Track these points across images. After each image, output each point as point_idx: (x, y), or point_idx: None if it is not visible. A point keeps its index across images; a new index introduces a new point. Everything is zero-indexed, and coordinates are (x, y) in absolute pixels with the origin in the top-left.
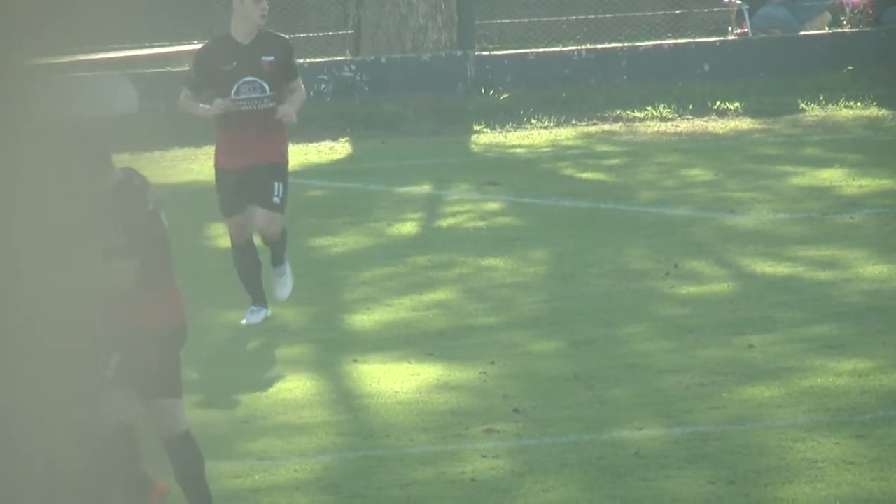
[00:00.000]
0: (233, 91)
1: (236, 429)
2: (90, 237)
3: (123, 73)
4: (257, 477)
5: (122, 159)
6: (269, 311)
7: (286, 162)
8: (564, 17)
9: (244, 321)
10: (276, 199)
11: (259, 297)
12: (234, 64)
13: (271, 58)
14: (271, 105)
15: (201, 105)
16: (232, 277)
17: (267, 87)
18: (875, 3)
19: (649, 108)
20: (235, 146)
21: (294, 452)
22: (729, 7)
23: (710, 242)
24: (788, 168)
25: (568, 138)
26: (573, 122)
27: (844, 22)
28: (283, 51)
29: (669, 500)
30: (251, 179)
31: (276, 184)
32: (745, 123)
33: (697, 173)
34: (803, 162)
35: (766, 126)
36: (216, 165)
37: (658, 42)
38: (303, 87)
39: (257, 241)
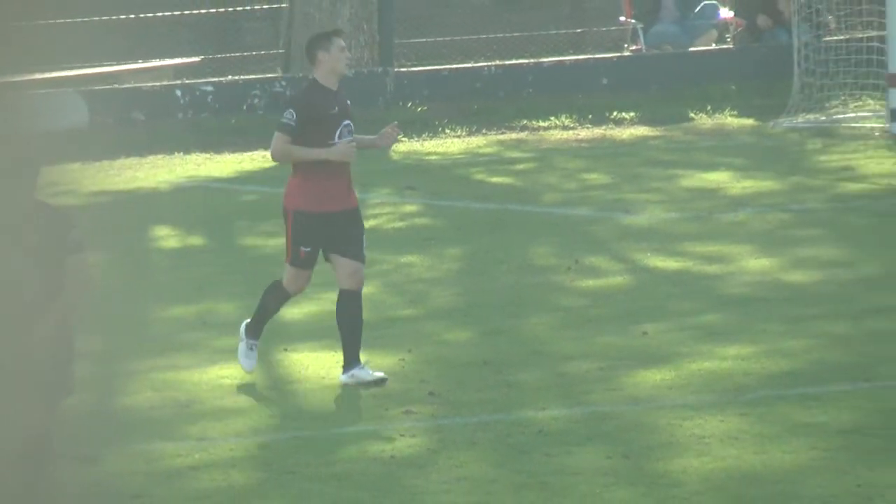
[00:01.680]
0: (336, 135)
1: (178, 412)
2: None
3: (76, 89)
4: (197, 456)
5: (73, 168)
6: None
7: None
8: (475, 36)
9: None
10: (365, 252)
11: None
12: (336, 109)
13: (349, 102)
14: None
15: (315, 149)
16: (175, 275)
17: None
18: (748, 24)
19: (553, 118)
20: (330, 190)
21: (230, 434)
22: (624, 26)
23: (607, 240)
24: (679, 172)
25: (479, 146)
26: (483, 131)
27: (729, 39)
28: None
29: (570, 474)
30: (342, 224)
31: (363, 235)
32: (639, 131)
33: (596, 177)
34: (693, 166)
35: (658, 134)
36: (300, 207)
37: (560, 58)
38: None
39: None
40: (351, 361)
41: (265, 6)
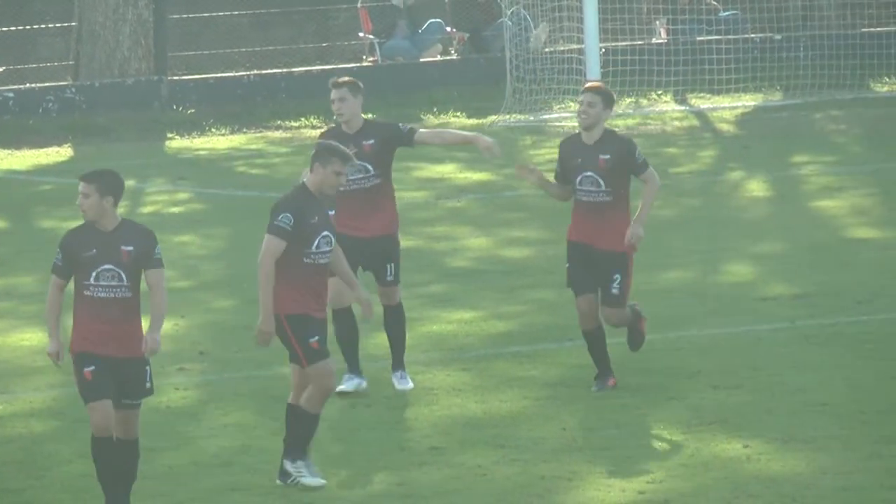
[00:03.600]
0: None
1: None
2: None
3: None
4: (0, 407)
5: None
6: (364, 382)
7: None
8: (236, 50)
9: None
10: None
11: (354, 367)
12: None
13: (371, 141)
14: (377, 182)
15: None
16: None
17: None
18: (471, 37)
19: (303, 118)
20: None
21: (29, 388)
22: (363, 40)
23: None
24: (412, 164)
25: (241, 143)
26: (244, 130)
27: (453, 51)
28: (384, 132)
29: (325, 420)
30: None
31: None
32: None
33: None
34: (423, 159)
35: None
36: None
37: (309, 68)
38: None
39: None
40: None
41: (58, 24)
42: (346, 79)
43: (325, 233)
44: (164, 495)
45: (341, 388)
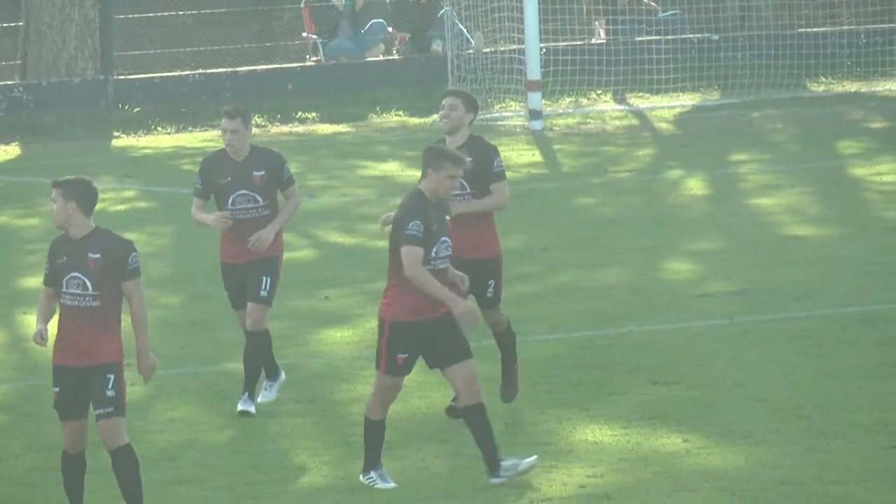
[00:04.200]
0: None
1: None
2: None
3: None
4: None
5: None
6: (283, 375)
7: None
8: (182, 49)
9: (260, 399)
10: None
11: (272, 372)
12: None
13: (262, 172)
14: (266, 213)
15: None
16: None
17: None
18: (413, 37)
19: None
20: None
21: None
22: (307, 40)
23: (295, 220)
24: (356, 162)
25: (187, 142)
26: (189, 129)
27: (395, 51)
28: (271, 166)
29: (264, 416)
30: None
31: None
32: (321, 129)
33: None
34: (367, 157)
35: (339, 130)
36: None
37: (254, 67)
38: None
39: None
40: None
41: (4, 24)
42: (240, 107)
43: (444, 238)
44: (113, 487)
45: (262, 398)
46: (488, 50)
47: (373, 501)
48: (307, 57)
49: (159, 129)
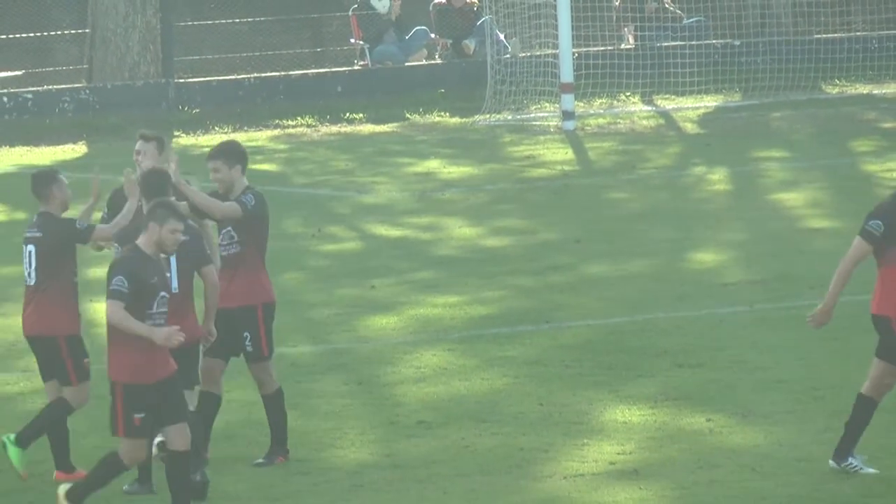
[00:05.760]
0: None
1: (7, 350)
2: None
3: None
4: (21, 385)
5: None
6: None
7: None
8: (238, 54)
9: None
10: None
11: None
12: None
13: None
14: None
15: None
16: (4, 243)
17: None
18: (454, 43)
19: (299, 118)
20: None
21: None
22: (355, 45)
23: (344, 214)
24: (400, 160)
25: (242, 141)
26: (245, 129)
27: (437, 56)
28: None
29: (316, 397)
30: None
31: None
32: (367, 129)
33: (335, 164)
34: (411, 155)
35: (384, 130)
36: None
37: (305, 71)
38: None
39: None
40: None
41: (73, 31)
42: (151, 133)
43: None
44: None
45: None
46: (524, 55)
47: (415, 476)
48: (355, 61)
49: (216, 128)
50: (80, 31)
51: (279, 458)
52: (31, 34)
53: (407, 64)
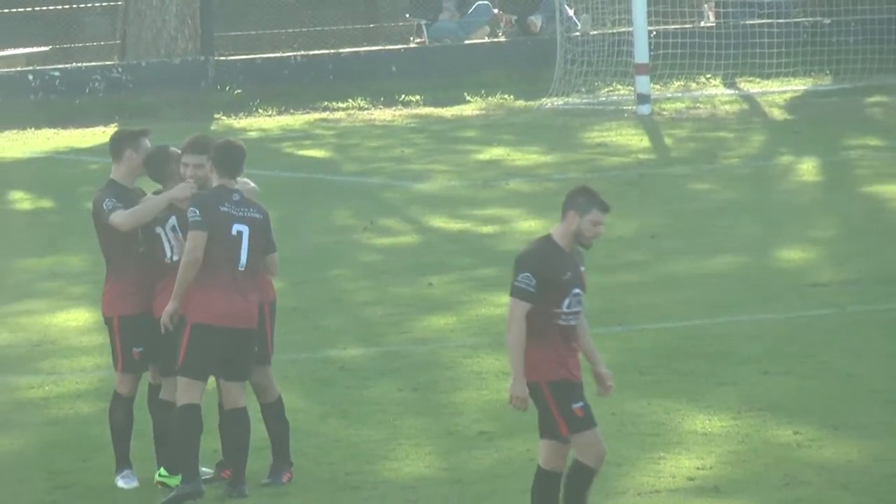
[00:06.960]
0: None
1: (31, 351)
2: None
3: None
4: (48, 388)
5: None
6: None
7: None
8: (283, 30)
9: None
10: None
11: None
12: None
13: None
14: None
15: None
16: (29, 233)
17: None
18: (520, 19)
19: (350, 100)
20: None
21: (76, 369)
22: (410, 21)
23: (398, 204)
24: (459, 146)
25: (287, 124)
26: (291, 111)
27: (500, 34)
28: None
29: (367, 404)
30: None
31: None
32: (424, 112)
33: (389, 150)
34: (471, 141)
35: (442, 113)
36: None
37: (356, 49)
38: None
39: None
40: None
41: (104, 3)
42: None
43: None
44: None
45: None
46: (595, 32)
47: (476, 492)
48: (411, 38)
49: (260, 111)
50: (112, 2)
51: (286, 475)
52: (59, 6)
53: (467, 42)
